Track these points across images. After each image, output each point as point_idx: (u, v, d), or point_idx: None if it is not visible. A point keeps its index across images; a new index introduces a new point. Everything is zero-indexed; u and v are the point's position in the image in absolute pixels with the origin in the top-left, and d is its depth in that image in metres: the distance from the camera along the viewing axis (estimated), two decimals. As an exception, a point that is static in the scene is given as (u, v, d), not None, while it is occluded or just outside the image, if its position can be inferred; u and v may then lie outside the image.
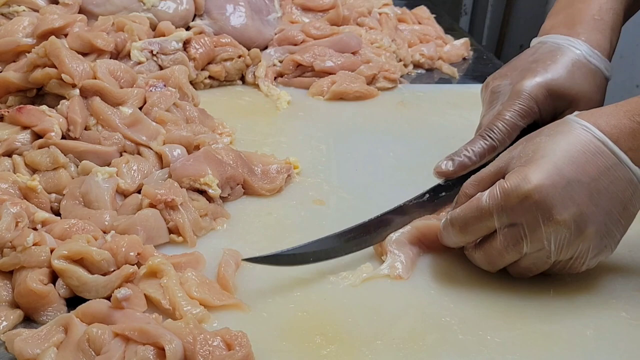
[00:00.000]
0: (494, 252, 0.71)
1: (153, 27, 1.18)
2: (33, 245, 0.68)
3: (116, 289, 0.65)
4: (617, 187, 0.68)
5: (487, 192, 0.70)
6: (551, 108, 0.83)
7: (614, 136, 0.68)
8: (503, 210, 0.68)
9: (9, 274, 0.68)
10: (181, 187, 0.81)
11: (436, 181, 0.82)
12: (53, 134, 0.83)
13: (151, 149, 0.87)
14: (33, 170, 0.81)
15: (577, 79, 0.84)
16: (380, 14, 1.46)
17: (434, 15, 1.58)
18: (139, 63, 1.09)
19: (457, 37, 1.53)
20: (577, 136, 0.69)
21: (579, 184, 0.67)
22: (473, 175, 0.74)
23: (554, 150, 0.69)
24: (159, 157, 0.86)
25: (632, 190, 0.68)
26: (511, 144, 0.79)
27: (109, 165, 0.83)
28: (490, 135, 0.80)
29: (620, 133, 0.68)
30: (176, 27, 1.18)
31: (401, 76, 1.31)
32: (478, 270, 0.76)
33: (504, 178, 0.70)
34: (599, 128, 0.69)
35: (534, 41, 0.91)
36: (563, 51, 0.85)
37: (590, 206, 0.68)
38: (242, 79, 1.25)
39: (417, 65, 1.40)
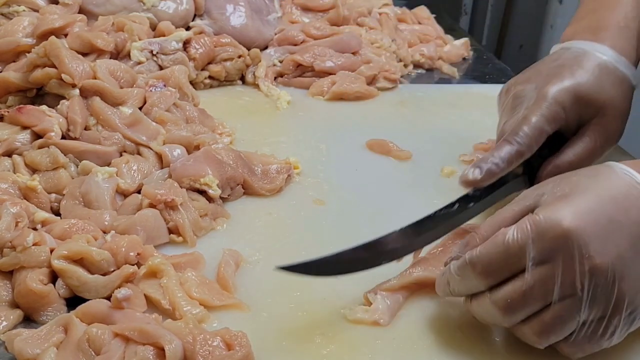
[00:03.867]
0: (515, 295, 0.60)
1: (153, 27, 1.17)
2: (33, 245, 0.68)
3: (116, 289, 0.65)
4: None
5: (514, 226, 0.61)
6: (577, 114, 0.80)
7: None
8: (534, 246, 0.59)
9: (9, 274, 0.68)
10: (181, 187, 0.81)
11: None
12: (53, 134, 0.83)
13: (151, 149, 0.87)
14: (33, 170, 0.81)
15: (605, 85, 0.80)
16: (380, 14, 1.46)
17: (434, 15, 1.58)
18: (139, 63, 1.09)
19: (457, 37, 1.53)
20: (620, 179, 0.62)
21: (620, 226, 0.60)
22: (490, 217, 0.67)
23: (595, 187, 0.62)
24: (159, 157, 0.86)
25: None
26: (538, 151, 0.77)
27: (109, 165, 0.83)
28: (517, 140, 0.76)
29: None
30: (176, 27, 1.18)
31: (401, 76, 1.31)
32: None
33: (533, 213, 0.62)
34: None
35: (556, 47, 0.88)
36: (589, 57, 0.82)
37: (630, 252, 0.59)
38: (242, 79, 1.25)
39: (417, 65, 1.40)
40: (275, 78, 1.25)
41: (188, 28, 1.23)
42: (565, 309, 0.60)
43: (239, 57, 1.22)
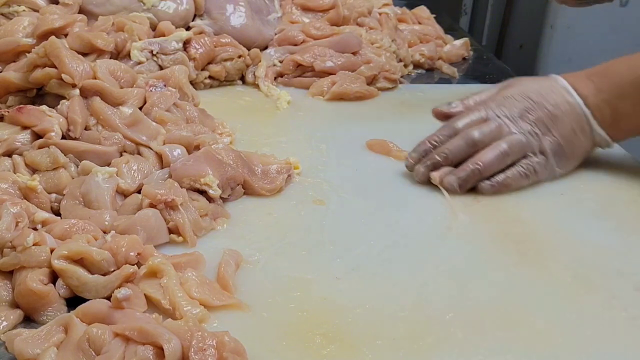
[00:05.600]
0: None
1: (153, 27, 1.18)
2: (33, 245, 0.67)
3: (116, 289, 0.65)
4: (574, 117, 0.92)
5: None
6: None
7: (569, 79, 0.94)
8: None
9: (9, 274, 0.68)
10: (181, 187, 0.81)
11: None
12: (53, 134, 0.83)
13: (151, 149, 0.87)
14: (33, 170, 0.81)
15: None
16: (380, 14, 1.46)
17: (434, 15, 1.58)
18: (139, 63, 1.09)
19: (457, 37, 1.53)
20: (549, 79, 0.96)
21: (544, 102, 0.92)
22: None
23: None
24: (159, 157, 0.86)
25: (581, 126, 0.93)
26: None
27: (109, 165, 0.83)
28: None
29: (575, 79, 0.94)
30: (176, 27, 1.18)
31: (401, 76, 1.31)
32: (477, 270, 0.76)
33: None
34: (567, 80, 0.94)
35: None
36: None
37: (555, 122, 0.92)
38: (242, 79, 1.25)
39: (417, 65, 1.40)
40: (275, 78, 1.25)
41: (188, 28, 1.23)
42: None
43: (239, 57, 1.22)
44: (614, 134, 0.93)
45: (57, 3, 1.14)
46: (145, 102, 0.93)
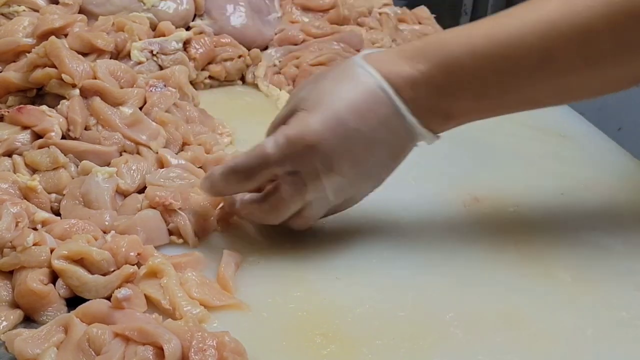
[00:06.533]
0: (279, 202, 0.73)
1: (153, 27, 1.17)
2: (33, 245, 0.67)
3: (116, 289, 0.65)
4: (394, 137, 0.72)
5: (271, 138, 0.71)
6: None
7: (396, 84, 0.70)
8: (286, 158, 0.70)
9: (9, 274, 0.68)
10: (181, 187, 0.81)
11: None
12: (53, 134, 0.83)
13: (151, 149, 0.87)
14: (33, 170, 0.81)
15: None
16: (380, 14, 1.45)
17: (434, 16, 1.58)
18: (139, 63, 1.08)
19: (457, 37, 1.52)
20: (361, 83, 0.70)
21: (358, 134, 0.70)
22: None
23: (338, 97, 0.70)
24: (159, 157, 0.86)
25: (408, 139, 0.74)
26: None
27: (109, 165, 0.83)
28: None
29: (403, 82, 0.70)
30: (176, 27, 1.18)
31: (401, 76, 1.31)
32: (477, 270, 0.76)
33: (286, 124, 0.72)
34: (383, 75, 0.70)
35: None
36: None
37: (366, 155, 0.72)
38: (242, 79, 1.25)
39: (417, 65, 1.40)
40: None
41: (188, 28, 1.23)
42: (317, 204, 0.74)
43: (239, 57, 1.22)
44: (439, 125, 0.75)
45: (57, 3, 1.14)
46: (145, 102, 0.93)
